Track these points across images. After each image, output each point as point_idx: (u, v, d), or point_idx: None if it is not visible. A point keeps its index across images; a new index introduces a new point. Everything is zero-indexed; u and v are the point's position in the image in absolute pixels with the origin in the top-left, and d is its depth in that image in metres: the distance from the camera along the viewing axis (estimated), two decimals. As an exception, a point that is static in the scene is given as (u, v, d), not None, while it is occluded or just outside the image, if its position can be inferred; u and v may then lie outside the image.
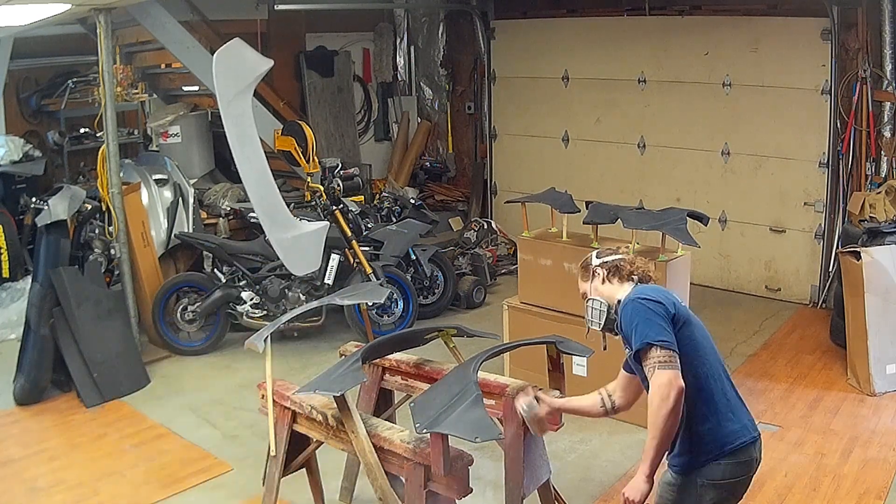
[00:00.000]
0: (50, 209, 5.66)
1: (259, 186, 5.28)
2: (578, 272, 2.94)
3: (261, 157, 5.29)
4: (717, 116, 7.11)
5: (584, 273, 2.89)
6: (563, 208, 5.09)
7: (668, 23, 7.23)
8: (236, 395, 5.32)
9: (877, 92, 6.26)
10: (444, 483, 2.93)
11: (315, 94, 8.50)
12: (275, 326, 3.81)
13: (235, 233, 6.81)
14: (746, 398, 2.97)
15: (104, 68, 5.38)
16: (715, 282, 7.39)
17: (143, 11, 6.12)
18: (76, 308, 5.24)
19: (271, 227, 5.39)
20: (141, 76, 7.82)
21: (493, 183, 8.91)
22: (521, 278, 5.31)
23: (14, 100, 7.39)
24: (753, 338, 6.17)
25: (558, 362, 3.50)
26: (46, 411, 5.12)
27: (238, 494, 4.13)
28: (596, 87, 7.81)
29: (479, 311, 6.92)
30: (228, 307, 6.03)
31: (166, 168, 6.75)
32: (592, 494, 4.11)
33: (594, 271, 2.84)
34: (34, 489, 4.20)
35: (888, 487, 4.03)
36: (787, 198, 6.88)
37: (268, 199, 5.34)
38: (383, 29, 9.15)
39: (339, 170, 6.85)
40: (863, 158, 6.42)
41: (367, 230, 6.45)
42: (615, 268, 2.81)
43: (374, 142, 9.41)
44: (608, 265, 2.83)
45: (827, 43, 6.39)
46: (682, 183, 7.43)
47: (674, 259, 4.68)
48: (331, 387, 3.06)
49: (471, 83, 9.03)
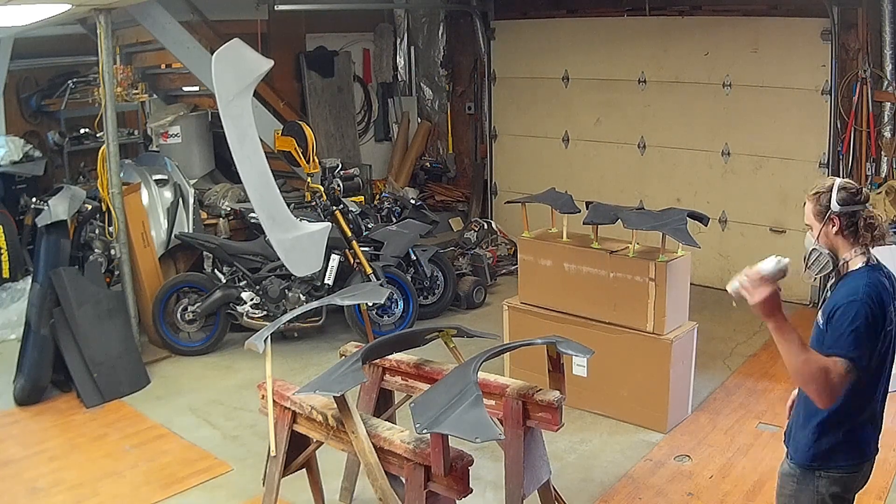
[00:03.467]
0: (50, 209, 5.66)
1: (259, 187, 5.28)
2: (810, 200, 2.63)
3: (261, 157, 5.29)
4: (717, 117, 7.11)
5: (818, 209, 2.60)
6: (564, 209, 5.09)
7: (668, 23, 7.23)
8: (236, 395, 5.32)
9: (877, 92, 6.26)
10: (444, 483, 2.93)
11: (315, 94, 8.50)
12: (275, 327, 3.81)
13: (235, 233, 6.80)
14: (747, 398, 2.97)
15: (104, 69, 5.38)
16: (715, 282, 7.38)
17: (143, 12, 6.12)
18: (76, 308, 5.24)
19: (272, 228, 5.39)
20: (141, 76, 7.82)
21: (494, 183, 8.90)
22: (521, 279, 5.31)
23: (14, 100, 7.38)
24: (754, 338, 6.16)
25: (558, 362, 3.50)
26: (46, 411, 5.12)
27: (238, 495, 4.13)
28: (596, 88, 7.81)
29: (480, 311, 6.92)
30: (228, 307, 6.03)
31: (166, 168, 6.75)
32: (592, 495, 4.10)
33: (832, 217, 2.56)
34: (34, 489, 4.20)
35: (888, 488, 4.04)
36: (787, 198, 6.88)
37: (268, 199, 5.34)
38: (383, 29, 9.15)
39: (339, 170, 6.85)
40: (863, 159, 6.42)
41: (367, 230, 6.45)
42: (855, 225, 2.55)
43: (375, 142, 9.41)
44: (852, 219, 2.56)
45: (827, 43, 6.39)
46: (683, 183, 7.42)
47: (674, 259, 4.68)
48: (331, 387, 3.06)
49: (471, 83, 9.03)
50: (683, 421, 4.84)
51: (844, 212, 2.55)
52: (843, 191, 2.57)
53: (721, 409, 5.01)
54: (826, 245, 2.62)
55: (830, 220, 2.57)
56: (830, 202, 2.57)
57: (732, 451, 4.49)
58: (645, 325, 4.70)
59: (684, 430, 4.74)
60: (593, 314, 4.88)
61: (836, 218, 2.56)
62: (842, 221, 2.56)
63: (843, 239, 2.58)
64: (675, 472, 4.29)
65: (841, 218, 2.56)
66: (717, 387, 5.31)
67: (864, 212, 2.56)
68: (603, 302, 4.85)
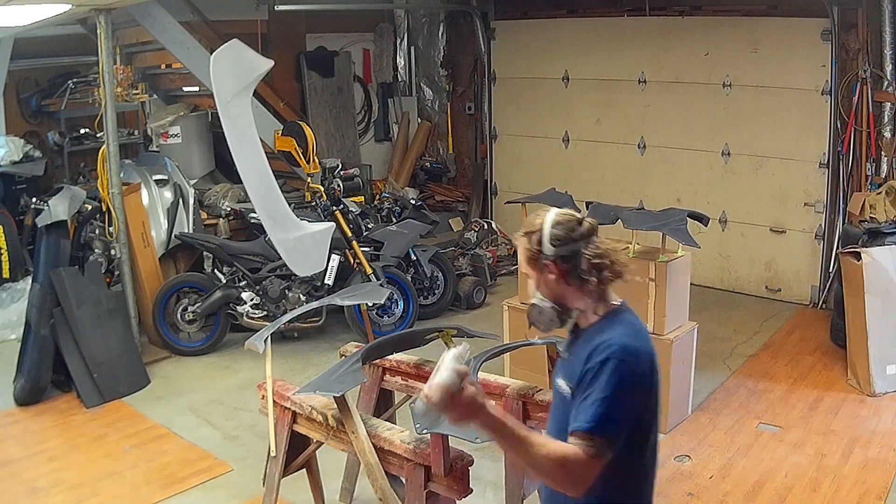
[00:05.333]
0: (50, 210, 5.66)
1: (260, 187, 5.28)
2: (520, 241, 2.12)
3: (261, 157, 5.28)
4: (717, 117, 7.11)
5: (530, 254, 2.08)
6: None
7: (668, 23, 7.23)
8: (236, 395, 5.32)
9: (877, 92, 6.26)
10: (444, 483, 2.93)
11: (315, 94, 8.50)
12: (275, 327, 3.81)
13: (236, 233, 6.80)
14: (747, 398, 2.94)
15: (104, 69, 5.38)
16: (715, 282, 7.39)
17: (143, 12, 6.12)
18: (76, 308, 5.24)
19: (273, 228, 5.39)
20: (141, 77, 7.82)
21: (494, 183, 8.90)
22: (521, 279, 5.31)
23: (14, 100, 7.39)
24: (754, 338, 6.16)
25: (558, 363, 3.50)
26: (46, 411, 5.12)
27: (238, 495, 4.13)
28: (596, 88, 7.81)
29: (480, 311, 6.92)
30: (229, 307, 6.03)
31: (166, 168, 6.75)
32: (592, 495, 4.10)
33: (546, 263, 2.05)
34: (34, 489, 4.20)
35: (888, 488, 4.03)
36: (787, 198, 6.88)
37: (268, 199, 5.34)
38: (383, 29, 9.15)
39: (339, 170, 6.86)
40: (863, 159, 6.41)
41: (367, 231, 6.45)
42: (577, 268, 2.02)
43: (375, 142, 9.41)
44: (572, 261, 2.02)
45: (827, 43, 6.38)
46: (683, 183, 7.42)
47: (674, 260, 4.68)
48: (331, 387, 3.06)
49: (471, 84, 9.03)
50: (683, 421, 4.84)
51: (561, 254, 2.03)
52: (558, 227, 2.05)
53: (721, 409, 5.01)
54: (550, 295, 2.08)
55: (546, 267, 2.05)
56: (542, 244, 2.04)
57: (732, 451, 4.49)
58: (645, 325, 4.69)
59: (684, 431, 4.74)
60: (593, 314, 4.87)
61: (552, 263, 2.03)
62: (560, 266, 2.03)
63: (567, 286, 2.05)
64: (675, 472, 4.29)
65: (558, 262, 2.03)
66: (717, 387, 5.31)
67: (587, 248, 2.03)
68: (603, 302, 4.84)
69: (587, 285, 2.03)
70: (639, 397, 1.96)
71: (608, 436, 1.87)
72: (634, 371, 1.94)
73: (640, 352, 1.98)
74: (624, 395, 1.89)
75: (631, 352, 1.94)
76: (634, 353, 1.95)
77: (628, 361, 1.92)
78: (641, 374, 1.96)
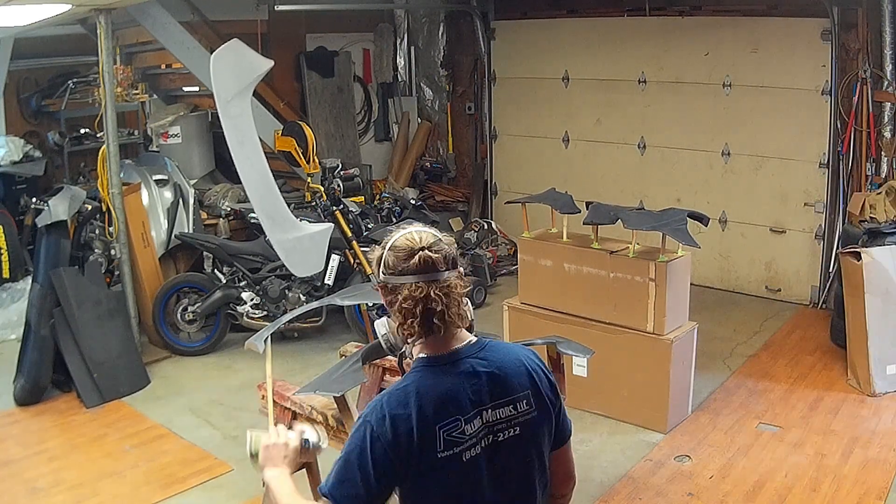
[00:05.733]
0: (50, 210, 5.66)
1: (259, 187, 5.28)
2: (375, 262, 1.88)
3: (261, 157, 5.28)
4: (717, 117, 7.11)
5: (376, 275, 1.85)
6: (564, 209, 5.09)
7: (668, 23, 7.23)
8: (236, 395, 5.31)
9: (877, 92, 6.26)
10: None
11: (315, 94, 8.50)
12: (275, 327, 3.81)
13: (236, 233, 6.80)
14: (747, 398, 2.95)
15: (104, 69, 5.38)
16: (715, 282, 7.39)
17: (143, 12, 6.12)
18: (76, 308, 5.24)
19: (272, 228, 5.39)
20: (141, 77, 7.83)
21: (494, 183, 8.90)
22: (521, 279, 5.31)
23: (14, 100, 7.38)
24: (754, 338, 6.16)
25: (558, 362, 3.50)
26: (46, 412, 5.12)
27: (238, 495, 4.13)
28: (596, 88, 7.81)
29: (480, 311, 6.90)
30: (228, 308, 6.03)
31: (166, 168, 6.75)
32: (592, 495, 4.10)
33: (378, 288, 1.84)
34: (34, 489, 4.20)
35: (888, 488, 4.03)
36: (787, 198, 6.88)
37: (268, 199, 5.34)
38: (383, 29, 9.15)
39: (339, 170, 6.85)
40: (863, 159, 6.41)
41: (367, 231, 6.44)
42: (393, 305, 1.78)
43: (375, 142, 9.40)
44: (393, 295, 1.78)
45: (827, 43, 6.38)
46: (683, 183, 7.42)
47: (674, 260, 4.68)
48: (331, 387, 3.06)
49: (471, 84, 9.03)
50: (683, 421, 4.84)
51: (385, 284, 1.79)
52: (393, 252, 1.77)
53: (721, 409, 5.01)
54: (392, 328, 1.89)
55: (382, 292, 1.82)
56: (379, 264, 1.81)
57: (732, 451, 4.49)
58: (645, 326, 4.70)
59: (684, 431, 4.74)
60: (593, 314, 4.88)
61: (380, 288, 1.81)
62: (385, 295, 1.81)
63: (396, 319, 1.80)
64: (675, 473, 4.29)
65: (385, 290, 1.80)
66: (717, 387, 5.31)
67: (408, 287, 1.73)
68: (603, 302, 4.85)
69: (405, 326, 1.76)
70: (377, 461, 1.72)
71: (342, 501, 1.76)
72: (378, 442, 1.70)
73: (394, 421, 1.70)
74: (364, 464, 1.72)
75: (386, 418, 1.71)
76: (391, 421, 1.70)
77: (374, 430, 1.71)
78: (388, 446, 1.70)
